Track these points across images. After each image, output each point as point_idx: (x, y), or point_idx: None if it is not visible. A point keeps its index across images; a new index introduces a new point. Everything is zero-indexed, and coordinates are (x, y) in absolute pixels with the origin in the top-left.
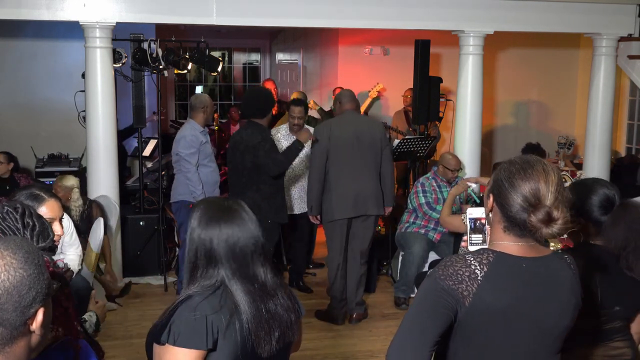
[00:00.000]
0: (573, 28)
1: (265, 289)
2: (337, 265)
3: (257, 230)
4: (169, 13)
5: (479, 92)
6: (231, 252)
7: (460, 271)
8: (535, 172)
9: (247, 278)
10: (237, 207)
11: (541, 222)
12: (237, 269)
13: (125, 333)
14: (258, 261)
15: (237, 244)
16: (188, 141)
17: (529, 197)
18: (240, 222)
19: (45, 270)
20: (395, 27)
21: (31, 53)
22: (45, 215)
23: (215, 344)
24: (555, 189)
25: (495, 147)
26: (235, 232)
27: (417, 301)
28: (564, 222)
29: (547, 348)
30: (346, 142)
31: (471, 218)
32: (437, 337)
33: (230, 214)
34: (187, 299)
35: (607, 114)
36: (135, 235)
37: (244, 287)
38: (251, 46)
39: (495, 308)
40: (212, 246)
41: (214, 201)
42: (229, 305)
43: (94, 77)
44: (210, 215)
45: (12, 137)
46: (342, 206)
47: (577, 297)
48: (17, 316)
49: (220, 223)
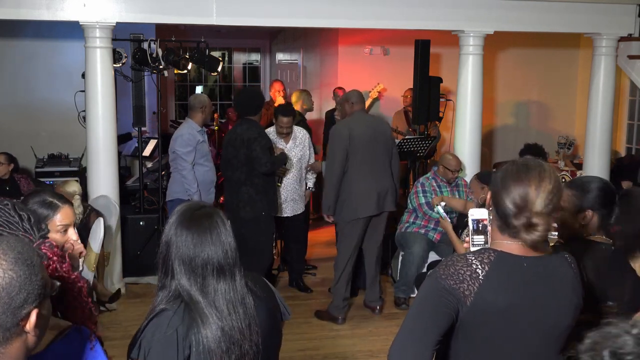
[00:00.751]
0: (573, 28)
1: (232, 303)
2: (346, 263)
3: (229, 242)
4: (169, 13)
5: (479, 92)
6: (193, 264)
7: (462, 270)
8: (528, 177)
9: (210, 292)
10: (212, 216)
11: (522, 226)
12: (202, 282)
13: (124, 333)
14: (227, 274)
15: (204, 257)
16: (185, 139)
17: (517, 200)
18: (214, 233)
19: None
20: (395, 27)
21: (31, 53)
22: (60, 223)
23: (187, 359)
24: (547, 196)
25: (495, 147)
26: (205, 244)
27: (418, 301)
28: (543, 230)
29: (548, 347)
30: (365, 141)
31: (473, 219)
32: (438, 337)
33: (203, 223)
34: (159, 314)
35: (607, 114)
36: (135, 235)
37: (205, 302)
38: (251, 46)
39: (497, 307)
40: (177, 255)
41: (189, 208)
42: (195, 319)
43: (94, 77)
44: (181, 222)
45: (12, 137)
46: (366, 204)
47: (578, 297)
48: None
49: (190, 232)
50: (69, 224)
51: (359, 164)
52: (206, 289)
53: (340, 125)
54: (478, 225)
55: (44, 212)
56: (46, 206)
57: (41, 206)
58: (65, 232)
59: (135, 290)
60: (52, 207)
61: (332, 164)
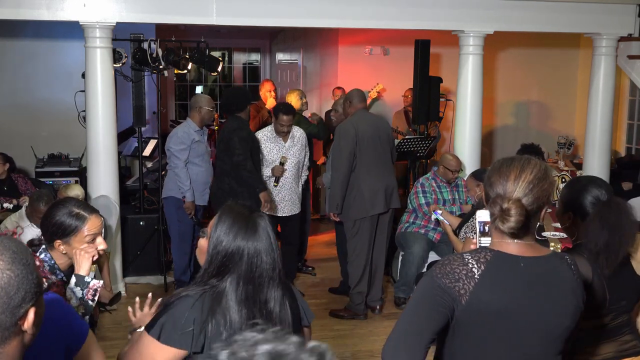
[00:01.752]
0: (573, 28)
1: (265, 311)
2: (365, 261)
3: (274, 249)
4: (169, 13)
5: (479, 92)
6: (249, 266)
7: (458, 269)
8: (510, 169)
9: (251, 294)
10: (261, 220)
11: (497, 215)
12: (246, 282)
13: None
14: (269, 283)
15: (257, 260)
16: (179, 137)
17: (498, 190)
18: (264, 238)
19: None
20: (395, 27)
21: (31, 53)
22: (88, 233)
23: (202, 347)
24: (526, 186)
25: (495, 147)
26: (259, 248)
27: (414, 299)
28: (517, 216)
29: (546, 348)
30: (370, 140)
31: (480, 221)
32: (432, 335)
33: (256, 227)
34: (183, 298)
35: (607, 114)
36: (135, 235)
37: (241, 299)
38: (251, 46)
39: (492, 307)
40: (235, 256)
41: (243, 213)
42: (222, 312)
43: (94, 77)
44: (239, 226)
45: (12, 137)
46: (376, 201)
47: (578, 299)
48: (7, 317)
49: (247, 236)
50: (97, 232)
51: (366, 162)
52: (252, 292)
53: (347, 123)
54: (485, 228)
55: (73, 224)
56: (74, 218)
57: (69, 217)
58: (93, 241)
59: (135, 290)
60: (80, 218)
61: (340, 162)
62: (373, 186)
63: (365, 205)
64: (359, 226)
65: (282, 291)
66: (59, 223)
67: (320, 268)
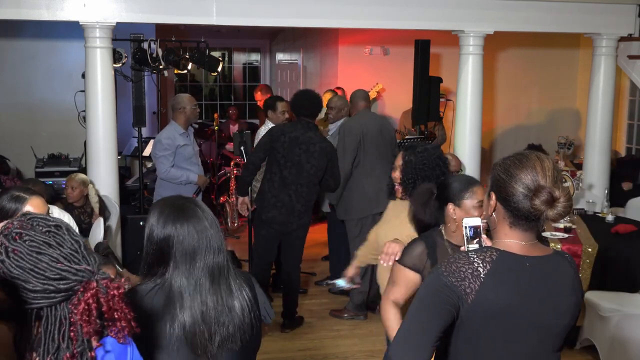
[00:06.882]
0: (573, 28)
1: (217, 288)
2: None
3: (214, 229)
4: (169, 13)
5: (479, 92)
6: (184, 252)
7: (463, 268)
8: (529, 160)
9: (197, 277)
10: (192, 205)
11: (544, 204)
12: (188, 268)
13: None
14: (212, 261)
15: (191, 244)
16: (163, 144)
17: (529, 183)
18: (196, 221)
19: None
20: (395, 27)
21: (31, 53)
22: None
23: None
24: (552, 173)
25: (495, 147)
26: (191, 231)
27: (419, 297)
28: (566, 200)
29: (547, 346)
30: (374, 138)
31: (470, 226)
32: (439, 334)
33: (186, 212)
34: (129, 293)
35: (607, 114)
36: (135, 235)
37: (190, 285)
38: (251, 46)
39: (498, 306)
40: (168, 245)
41: (171, 201)
42: (171, 300)
43: (94, 77)
44: (167, 214)
45: (11, 137)
46: (381, 199)
47: (577, 296)
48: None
49: (176, 223)
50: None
51: (369, 160)
52: (196, 278)
53: (352, 122)
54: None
55: (13, 207)
56: (14, 201)
57: (9, 201)
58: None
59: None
60: (19, 200)
61: (343, 159)
62: (377, 184)
63: (369, 204)
64: (361, 225)
65: (229, 266)
66: (1, 207)
67: (320, 268)
